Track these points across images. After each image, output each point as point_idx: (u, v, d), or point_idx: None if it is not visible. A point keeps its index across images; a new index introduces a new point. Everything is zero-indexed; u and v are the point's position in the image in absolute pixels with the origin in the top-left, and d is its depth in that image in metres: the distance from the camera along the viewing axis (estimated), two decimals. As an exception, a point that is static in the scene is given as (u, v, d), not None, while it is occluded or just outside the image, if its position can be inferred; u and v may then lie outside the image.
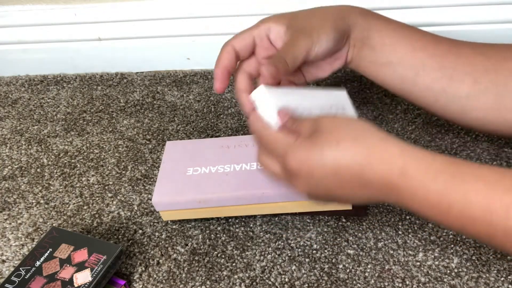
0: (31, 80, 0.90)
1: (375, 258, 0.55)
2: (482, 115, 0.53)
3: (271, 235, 0.59)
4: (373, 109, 0.73)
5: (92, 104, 0.83)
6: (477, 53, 0.54)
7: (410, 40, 0.56)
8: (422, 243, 0.56)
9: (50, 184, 0.70)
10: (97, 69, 0.89)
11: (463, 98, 0.53)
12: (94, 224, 0.64)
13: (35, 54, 0.89)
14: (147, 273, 0.57)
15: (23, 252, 0.62)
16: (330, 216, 0.60)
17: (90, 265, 0.54)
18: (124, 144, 0.74)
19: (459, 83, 0.53)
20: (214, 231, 0.61)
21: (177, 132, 0.75)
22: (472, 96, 0.52)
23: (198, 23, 0.82)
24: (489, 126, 0.54)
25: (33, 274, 0.54)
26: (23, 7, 0.85)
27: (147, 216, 0.64)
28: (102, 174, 0.70)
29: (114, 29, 0.85)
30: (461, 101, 0.53)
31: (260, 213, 0.59)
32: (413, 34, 0.56)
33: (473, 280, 0.52)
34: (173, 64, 0.87)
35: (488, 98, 0.52)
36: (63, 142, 0.76)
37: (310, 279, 0.54)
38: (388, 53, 0.55)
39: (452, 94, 0.53)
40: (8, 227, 0.65)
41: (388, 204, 0.60)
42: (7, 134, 0.79)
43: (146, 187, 0.67)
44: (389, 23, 0.57)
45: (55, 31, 0.86)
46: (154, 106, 0.80)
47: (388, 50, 0.55)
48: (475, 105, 0.53)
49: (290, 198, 0.56)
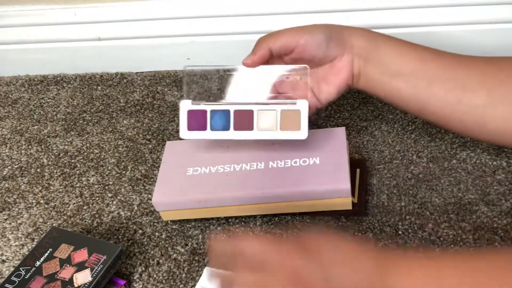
0: (31, 80, 0.90)
1: (375, 258, 0.55)
2: (501, 125, 0.51)
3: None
4: (373, 109, 0.73)
5: (92, 104, 0.83)
6: (488, 64, 0.53)
7: (418, 52, 0.55)
8: (422, 243, 0.56)
9: (50, 184, 0.70)
10: (97, 69, 0.89)
11: (480, 108, 0.52)
12: (94, 224, 0.64)
13: (35, 54, 0.89)
14: (147, 273, 0.57)
15: (23, 252, 0.62)
16: (330, 216, 0.60)
17: (90, 265, 0.54)
18: (124, 144, 0.74)
19: (473, 93, 0.52)
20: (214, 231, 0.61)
21: (177, 132, 0.75)
22: (489, 106, 0.51)
23: (198, 23, 0.82)
24: (508, 138, 0.52)
25: (33, 274, 0.54)
26: (23, 7, 0.85)
27: (147, 216, 0.64)
28: (102, 174, 0.70)
29: (114, 29, 0.85)
30: (478, 111, 0.52)
31: (260, 213, 0.59)
32: (419, 47, 0.56)
33: (473, 280, 0.52)
34: (173, 64, 0.87)
35: (506, 107, 0.51)
36: (63, 142, 0.76)
37: (310, 279, 0.54)
38: (398, 64, 0.55)
39: (468, 105, 0.52)
40: (8, 227, 0.65)
41: (388, 204, 0.60)
42: (7, 134, 0.79)
43: (146, 187, 0.67)
44: (392, 37, 0.56)
45: (55, 31, 0.86)
46: (154, 106, 0.80)
47: (397, 61, 0.55)
48: (493, 116, 0.51)
49: (290, 198, 0.56)
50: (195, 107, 0.57)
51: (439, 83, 0.53)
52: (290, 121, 0.55)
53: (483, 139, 0.55)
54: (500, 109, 0.51)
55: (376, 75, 0.55)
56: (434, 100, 0.54)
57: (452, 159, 0.64)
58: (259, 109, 0.56)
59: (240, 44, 0.82)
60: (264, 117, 0.56)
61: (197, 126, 0.57)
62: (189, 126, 0.57)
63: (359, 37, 0.55)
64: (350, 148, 0.68)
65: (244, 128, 0.56)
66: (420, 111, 0.56)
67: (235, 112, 0.56)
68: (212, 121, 0.57)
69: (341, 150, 0.58)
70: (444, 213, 0.58)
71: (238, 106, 0.56)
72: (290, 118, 0.55)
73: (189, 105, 0.57)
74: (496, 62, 0.53)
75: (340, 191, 0.55)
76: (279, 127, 0.55)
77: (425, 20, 0.76)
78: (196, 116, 0.57)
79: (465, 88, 0.52)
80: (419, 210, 0.59)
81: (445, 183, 0.61)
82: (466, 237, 0.56)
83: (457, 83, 0.53)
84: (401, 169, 0.64)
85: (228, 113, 0.56)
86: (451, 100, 0.53)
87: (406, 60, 0.55)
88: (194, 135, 0.57)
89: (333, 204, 0.57)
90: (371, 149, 0.67)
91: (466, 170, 0.62)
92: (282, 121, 0.55)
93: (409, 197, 0.60)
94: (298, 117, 0.55)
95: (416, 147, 0.66)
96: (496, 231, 0.56)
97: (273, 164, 0.58)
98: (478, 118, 0.52)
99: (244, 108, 0.56)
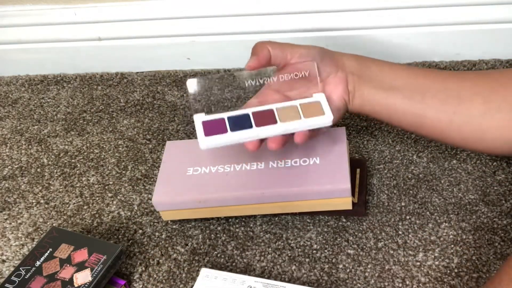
0: (31, 80, 0.90)
1: (375, 258, 0.55)
2: (499, 134, 0.51)
3: (271, 235, 0.59)
4: (373, 109, 0.73)
5: (92, 104, 0.83)
6: (481, 76, 0.53)
7: (409, 69, 0.56)
8: (422, 243, 0.56)
9: (50, 184, 0.70)
10: (97, 69, 0.89)
11: (477, 117, 0.52)
12: (94, 224, 0.64)
13: (35, 54, 0.89)
14: (147, 273, 0.57)
15: (23, 252, 0.62)
16: (330, 216, 0.60)
17: (90, 265, 0.54)
18: (124, 144, 0.74)
19: (469, 103, 0.52)
20: (214, 231, 0.61)
21: (177, 132, 0.75)
22: (486, 115, 0.51)
23: (198, 23, 0.82)
24: (507, 147, 0.52)
25: (33, 274, 0.54)
26: (23, 7, 0.85)
27: (147, 216, 0.64)
28: (102, 174, 0.70)
29: (114, 29, 0.85)
30: (475, 121, 0.52)
31: (260, 213, 0.59)
32: (410, 66, 0.57)
33: (473, 280, 0.52)
34: (173, 64, 0.87)
35: (503, 115, 0.51)
36: (63, 142, 0.76)
37: (310, 279, 0.54)
38: (391, 79, 0.55)
39: (465, 114, 0.52)
40: (8, 227, 0.65)
41: (388, 204, 0.60)
42: (7, 134, 0.79)
43: (146, 187, 0.67)
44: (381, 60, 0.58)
45: (55, 31, 0.86)
46: (154, 106, 0.80)
47: (389, 76, 0.55)
48: (491, 124, 0.51)
49: (290, 198, 0.56)
50: (210, 117, 0.53)
51: (433, 94, 0.53)
52: (313, 109, 0.53)
53: (482, 149, 0.55)
54: (497, 117, 0.51)
55: (371, 90, 0.55)
56: (430, 112, 0.54)
57: (452, 159, 0.64)
58: (277, 107, 0.54)
59: (240, 44, 0.82)
60: (285, 111, 0.53)
61: (216, 131, 0.52)
62: (206, 133, 0.51)
63: (349, 58, 0.57)
64: (350, 148, 0.68)
65: (267, 123, 0.52)
66: (417, 126, 0.56)
67: (254, 113, 0.53)
68: (231, 124, 0.52)
69: (341, 150, 0.58)
70: (444, 213, 0.58)
71: (255, 109, 0.54)
72: (311, 107, 0.54)
73: (203, 117, 0.53)
74: (488, 73, 0.54)
75: (340, 191, 0.55)
76: (303, 116, 0.53)
77: (424, 21, 0.76)
78: (213, 124, 0.52)
79: (460, 98, 0.52)
80: (419, 210, 0.59)
81: (445, 183, 0.61)
82: (466, 237, 0.56)
83: (451, 94, 0.53)
84: (401, 169, 0.64)
85: (247, 115, 0.53)
86: (448, 111, 0.53)
87: (399, 75, 0.55)
88: (214, 141, 0.51)
89: (333, 204, 0.57)
90: (371, 149, 0.67)
91: (466, 171, 0.62)
92: (304, 111, 0.53)
93: (409, 197, 0.61)
94: (319, 106, 0.54)
95: (416, 147, 0.66)
96: (496, 231, 0.56)
97: (273, 164, 0.58)
98: (476, 127, 0.52)
99: (263, 109, 0.54)
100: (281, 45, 0.54)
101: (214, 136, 0.51)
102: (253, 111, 0.54)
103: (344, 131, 0.61)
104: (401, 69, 0.57)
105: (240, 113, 0.53)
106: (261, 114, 0.53)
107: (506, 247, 0.54)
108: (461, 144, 0.55)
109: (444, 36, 0.77)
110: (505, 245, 0.55)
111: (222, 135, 0.51)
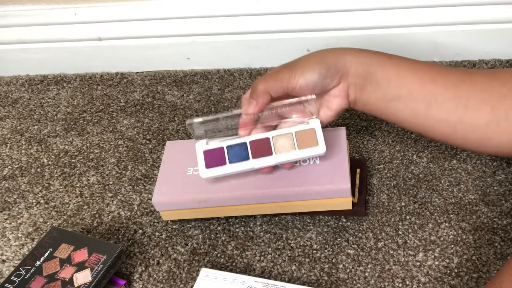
0: (31, 80, 0.90)
1: (375, 258, 0.55)
2: (505, 140, 0.51)
3: (271, 235, 0.59)
4: (373, 109, 0.73)
5: (92, 104, 0.83)
6: (491, 79, 0.52)
7: (417, 73, 0.54)
8: (422, 243, 0.56)
9: (50, 184, 0.70)
10: (97, 69, 0.89)
11: (483, 126, 0.51)
12: (94, 224, 0.64)
13: (35, 54, 0.89)
14: (147, 273, 0.57)
15: (23, 252, 0.62)
16: (330, 216, 0.60)
17: (90, 265, 0.54)
18: (124, 144, 0.74)
19: (476, 112, 0.51)
20: (214, 231, 0.61)
21: (177, 132, 0.75)
22: (492, 124, 0.50)
23: (198, 23, 0.82)
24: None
25: (33, 274, 0.54)
26: (23, 7, 0.85)
27: (147, 216, 0.64)
28: (102, 174, 0.70)
29: (114, 29, 0.85)
30: (480, 130, 0.51)
31: (260, 213, 0.59)
32: (419, 67, 0.54)
33: (473, 280, 0.52)
34: (173, 64, 0.87)
35: (509, 123, 0.50)
36: (63, 142, 0.76)
37: (310, 279, 0.54)
38: (396, 88, 0.54)
39: (470, 124, 0.51)
40: (8, 227, 0.65)
41: (388, 204, 0.60)
42: (7, 134, 0.79)
43: (146, 187, 0.67)
44: (390, 57, 0.55)
45: (55, 31, 0.86)
46: (154, 106, 0.80)
47: (394, 84, 0.54)
48: (496, 131, 0.50)
49: (290, 198, 0.56)
50: (210, 146, 0.57)
51: (440, 103, 0.52)
52: (307, 139, 0.56)
53: (487, 153, 0.54)
54: (503, 125, 0.50)
55: (371, 100, 0.55)
56: (433, 121, 0.53)
57: (452, 159, 0.64)
58: (273, 135, 0.57)
59: (240, 44, 0.82)
60: (281, 141, 0.56)
61: (216, 163, 0.57)
62: (207, 164, 0.57)
63: (354, 64, 0.54)
64: (350, 148, 0.68)
65: (263, 155, 0.56)
66: (420, 131, 0.56)
67: (251, 142, 0.57)
68: (230, 155, 0.57)
69: (341, 150, 0.58)
70: (444, 213, 0.58)
71: (253, 137, 0.57)
72: (306, 136, 0.56)
73: (204, 146, 0.58)
74: (499, 75, 0.52)
75: (340, 191, 0.55)
76: (297, 147, 0.56)
77: (424, 21, 0.76)
78: (213, 154, 0.57)
79: (466, 107, 0.51)
80: (419, 210, 0.59)
81: (445, 183, 0.61)
82: (466, 237, 0.56)
83: (459, 103, 0.51)
84: (401, 169, 0.64)
85: (244, 145, 0.57)
86: (452, 121, 0.52)
87: (404, 83, 0.53)
88: (214, 172, 0.56)
89: (333, 204, 0.57)
90: (371, 149, 0.67)
91: (466, 171, 0.62)
92: (299, 140, 0.56)
93: (409, 197, 0.61)
94: (314, 133, 0.56)
95: (416, 147, 0.66)
96: (496, 231, 0.56)
97: (273, 164, 0.58)
98: (481, 135, 0.51)
99: (259, 137, 0.57)
100: (281, 82, 0.54)
101: (214, 168, 0.56)
102: (250, 140, 0.57)
103: (344, 131, 0.61)
104: (408, 73, 0.54)
105: (238, 141, 0.57)
106: (257, 144, 0.57)
107: (506, 247, 0.54)
108: (465, 148, 0.55)
109: (444, 36, 0.77)
110: (505, 245, 0.55)
111: (221, 167, 0.56)
